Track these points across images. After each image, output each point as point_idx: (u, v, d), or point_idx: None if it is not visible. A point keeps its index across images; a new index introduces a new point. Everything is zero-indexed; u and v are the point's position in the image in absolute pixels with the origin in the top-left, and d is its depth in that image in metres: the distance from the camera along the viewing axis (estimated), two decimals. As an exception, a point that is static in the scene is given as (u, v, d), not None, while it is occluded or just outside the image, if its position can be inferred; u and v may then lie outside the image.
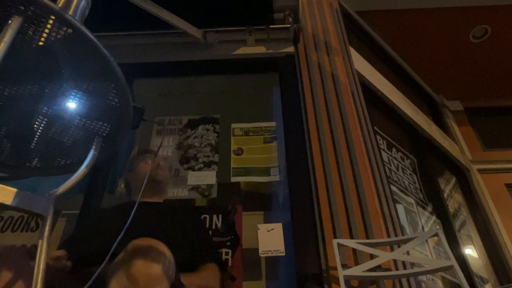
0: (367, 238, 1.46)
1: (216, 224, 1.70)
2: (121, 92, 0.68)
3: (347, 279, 1.24)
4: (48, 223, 0.55)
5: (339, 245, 1.30)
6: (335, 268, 1.23)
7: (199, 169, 1.94)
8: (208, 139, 2.07)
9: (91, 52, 0.61)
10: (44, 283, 0.51)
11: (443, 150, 2.98)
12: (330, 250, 1.38)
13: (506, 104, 3.74)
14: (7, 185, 0.51)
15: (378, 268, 1.32)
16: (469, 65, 3.43)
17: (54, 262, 1.03)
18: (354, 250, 1.42)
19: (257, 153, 1.94)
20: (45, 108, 0.70)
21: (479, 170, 3.11)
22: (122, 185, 1.58)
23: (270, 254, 1.52)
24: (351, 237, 1.46)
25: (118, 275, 0.78)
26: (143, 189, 1.04)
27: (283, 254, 1.51)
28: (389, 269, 1.37)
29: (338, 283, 1.21)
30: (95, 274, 0.70)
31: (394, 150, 2.46)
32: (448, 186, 2.90)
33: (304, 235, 1.50)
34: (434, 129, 3.03)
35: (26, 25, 0.56)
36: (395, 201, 1.89)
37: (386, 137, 2.45)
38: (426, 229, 2.20)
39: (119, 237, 0.78)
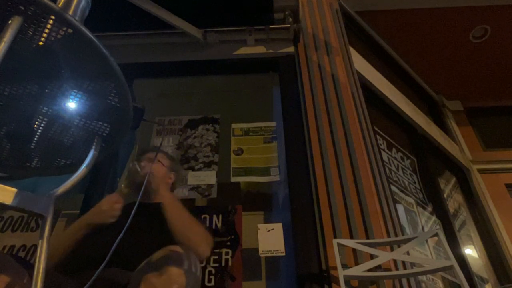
0: (367, 238, 1.46)
1: (216, 224, 1.70)
2: (121, 92, 0.68)
3: (347, 279, 1.24)
4: (48, 223, 0.55)
5: (339, 245, 1.30)
6: (335, 268, 1.23)
7: (199, 169, 1.94)
8: (208, 139, 2.07)
9: (91, 52, 0.61)
10: (43, 283, 0.51)
11: (443, 150, 2.98)
12: (330, 250, 1.38)
13: (506, 104, 3.74)
14: (7, 185, 0.51)
15: (378, 268, 1.32)
16: (469, 65, 3.43)
17: (111, 207, 1.14)
18: (354, 250, 1.42)
19: (257, 153, 1.94)
20: (45, 108, 0.70)
21: (479, 170, 3.11)
22: (122, 185, 1.57)
23: (270, 254, 1.52)
24: (351, 237, 1.46)
25: (147, 282, 0.80)
26: (142, 190, 1.04)
27: (283, 254, 1.51)
28: (389, 269, 1.37)
29: (338, 283, 1.21)
30: (95, 275, 0.70)
31: (394, 150, 2.46)
32: (448, 186, 2.90)
33: (304, 235, 1.50)
34: (434, 129, 3.03)
35: (26, 25, 0.56)
36: (395, 201, 1.89)
37: (386, 137, 2.45)
38: (426, 229, 2.20)
39: (118, 238, 0.78)
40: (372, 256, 1.32)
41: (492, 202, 2.82)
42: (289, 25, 2.22)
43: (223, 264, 1.56)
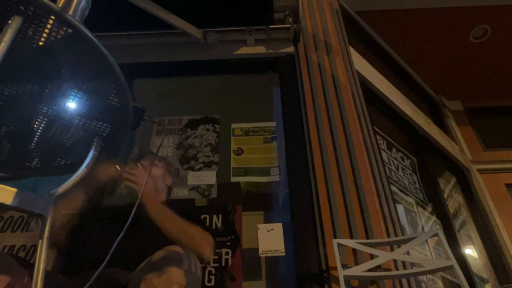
0: (367, 238, 1.46)
1: (216, 224, 1.70)
2: (121, 92, 0.68)
3: (347, 279, 1.24)
4: (48, 223, 0.55)
5: (339, 245, 1.30)
6: (335, 268, 1.23)
7: (199, 169, 1.94)
8: (208, 139, 2.07)
9: (91, 52, 0.61)
10: (43, 283, 0.51)
11: (443, 150, 2.98)
12: (330, 250, 1.38)
13: (506, 104, 3.74)
14: (7, 185, 0.51)
15: (378, 268, 1.32)
16: (469, 65, 3.42)
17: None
18: (354, 250, 1.42)
19: (257, 153, 1.94)
20: (45, 108, 0.70)
21: (479, 170, 3.11)
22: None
23: (270, 254, 1.52)
24: (351, 237, 1.46)
25: (148, 282, 0.82)
26: (141, 191, 1.04)
27: (283, 254, 1.51)
28: (389, 269, 1.37)
29: (338, 283, 1.21)
30: (95, 275, 0.70)
31: (394, 150, 2.46)
32: (448, 186, 2.90)
33: (304, 235, 1.50)
34: (434, 129, 3.02)
35: (26, 25, 0.56)
36: (395, 201, 1.89)
37: (386, 137, 2.44)
38: (426, 229, 2.20)
39: (118, 238, 0.78)
40: (372, 256, 1.32)
41: (492, 202, 2.82)
42: (289, 25, 2.22)
43: (223, 264, 1.56)
